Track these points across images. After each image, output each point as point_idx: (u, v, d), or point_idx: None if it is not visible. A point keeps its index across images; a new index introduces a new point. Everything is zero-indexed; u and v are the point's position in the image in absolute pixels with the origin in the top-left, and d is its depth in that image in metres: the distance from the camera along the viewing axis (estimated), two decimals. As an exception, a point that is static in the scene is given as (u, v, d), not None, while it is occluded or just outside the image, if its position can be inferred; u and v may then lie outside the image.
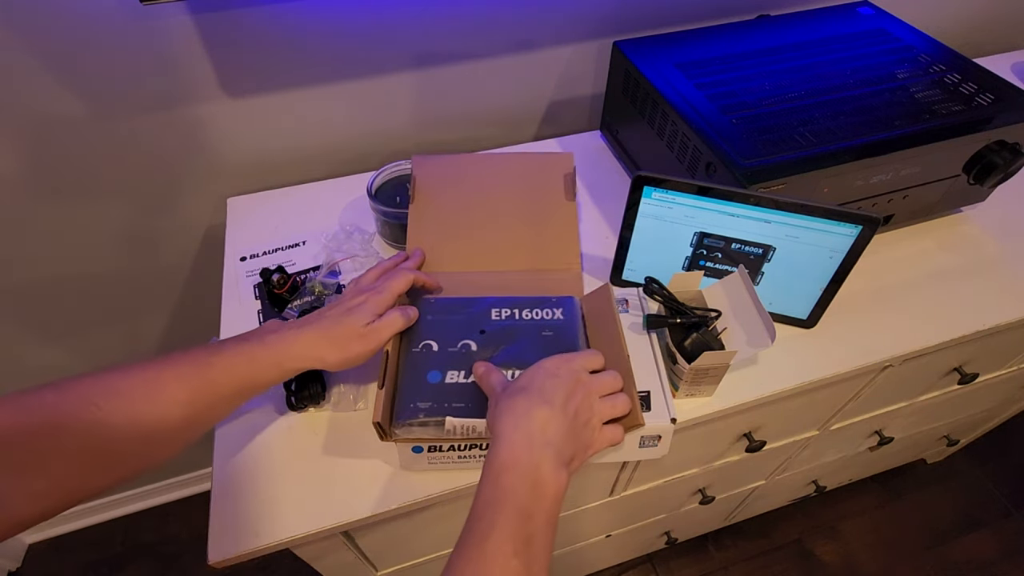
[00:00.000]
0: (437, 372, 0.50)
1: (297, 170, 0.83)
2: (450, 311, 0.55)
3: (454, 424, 0.47)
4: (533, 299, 0.55)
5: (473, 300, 0.55)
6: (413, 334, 0.53)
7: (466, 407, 0.48)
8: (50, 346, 0.91)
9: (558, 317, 0.54)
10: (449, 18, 0.74)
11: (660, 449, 0.55)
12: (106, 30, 0.62)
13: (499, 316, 0.54)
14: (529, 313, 0.54)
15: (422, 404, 0.48)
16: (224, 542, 0.50)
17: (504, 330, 0.53)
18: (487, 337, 0.52)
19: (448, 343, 0.52)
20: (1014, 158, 0.63)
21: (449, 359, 0.51)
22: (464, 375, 0.50)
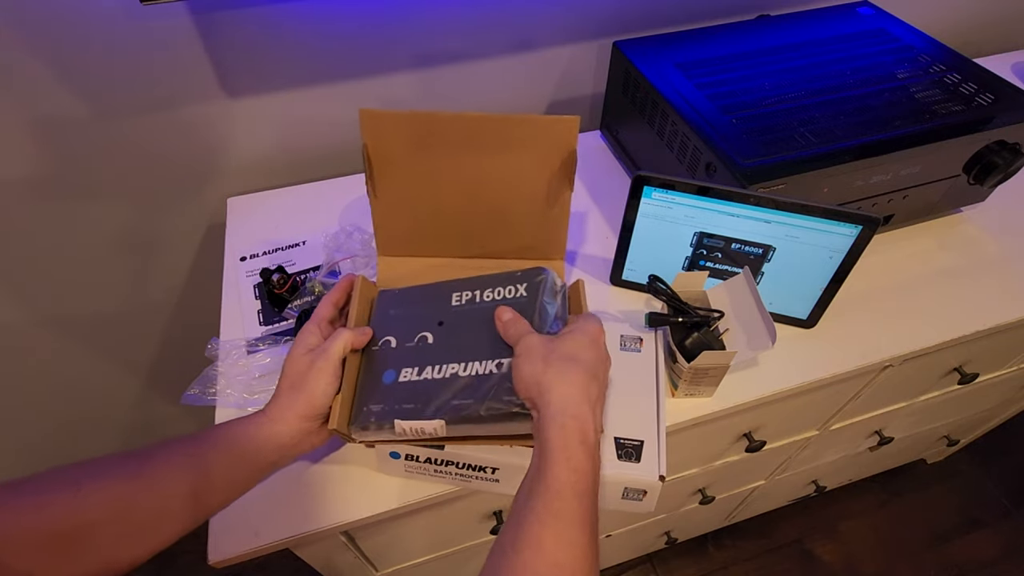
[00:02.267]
0: (392, 371, 0.47)
1: (297, 170, 0.83)
2: (410, 302, 0.51)
3: (403, 427, 0.44)
4: (497, 276, 0.50)
5: (435, 286, 0.51)
6: (375, 331, 0.50)
7: (415, 407, 0.44)
8: (49, 344, 0.91)
9: (520, 294, 0.48)
10: (449, 18, 0.74)
11: (645, 505, 0.51)
12: (106, 30, 0.62)
13: (459, 301, 0.49)
14: (491, 293, 0.49)
15: (374, 407, 0.45)
16: (224, 542, 0.50)
17: (463, 317, 0.48)
18: (445, 329, 0.48)
19: (406, 338, 0.49)
20: (1014, 158, 0.63)
21: (405, 355, 0.48)
22: (416, 372, 0.46)
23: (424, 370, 0.46)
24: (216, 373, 0.59)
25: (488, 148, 0.55)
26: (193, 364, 0.61)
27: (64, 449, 1.09)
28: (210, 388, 0.58)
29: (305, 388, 0.45)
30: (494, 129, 0.54)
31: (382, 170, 0.56)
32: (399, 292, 0.52)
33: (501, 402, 0.42)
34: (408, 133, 0.54)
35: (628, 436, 0.51)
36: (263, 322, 0.65)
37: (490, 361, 0.44)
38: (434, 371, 0.45)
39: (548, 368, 0.40)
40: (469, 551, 0.77)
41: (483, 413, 0.42)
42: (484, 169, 0.56)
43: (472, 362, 0.45)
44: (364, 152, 0.54)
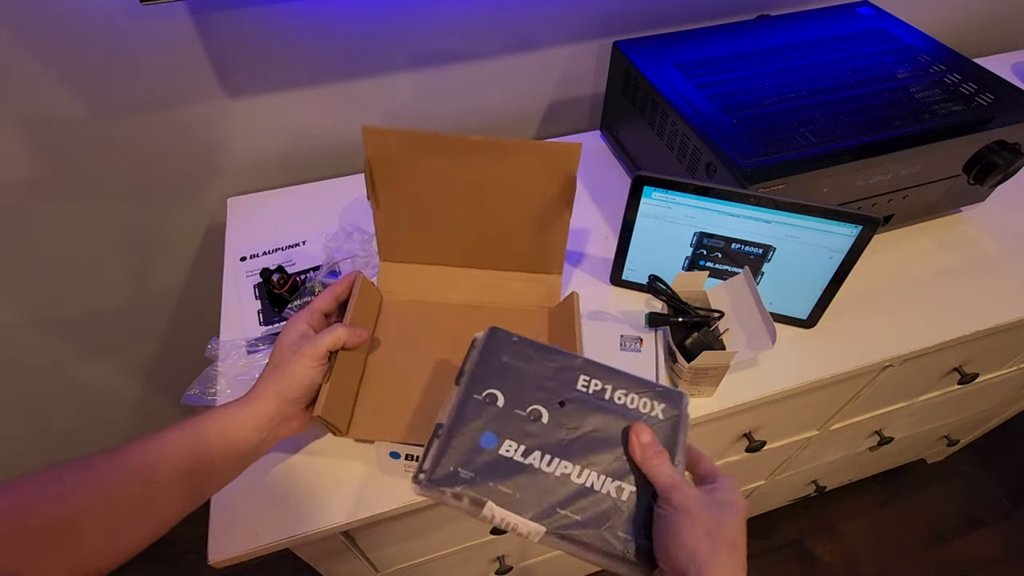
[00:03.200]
0: (494, 436, 0.40)
1: (297, 170, 0.83)
2: (529, 358, 0.43)
3: (494, 513, 0.37)
4: (633, 380, 0.43)
5: (560, 355, 0.44)
6: (479, 375, 0.42)
7: (514, 497, 0.37)
8: (49, 345, 0.91)
9: (657, 415, 0.42)
10: (449, 18, 0.74)
11: None
12: (106, 30, 0.62)
13: (586, 387, 0.42)
14: (624, 396, 0.42)
15: (465, 473, 0.38)
16: (224, 542, 0.50)
17: (588, 409, 0.41)
18: (566, 412, 0.41)
19: (516, 401, 0.41)
20: (1014, 158, 0.63)
21: (512, 424, 0.40)
22: (522, 452, 0.39)
23: (531, 454, 0.39)
24: (216, 373, 0.59)
25: (491, 169, 0.56)
26: (193, 364, 0.61)
27: (64, 449, 1.09)
28: (210, 388, 0.58)
29: (285, 369, 0.45)
30: (497, 152, 0.55)
31: (384, 183, 0.57)
32: (518, 340, 0.44)
33: (617, 539, 0.37)
34: (410, 150, 0.55)
35: None
36: (263, 322, 0.65)
37: (610, 480, 0.38)
38: (543, 460, 0.39)
39: (716, 552, 0.33)
40: (469, 551, 0.77)
41: (595, 544, 0.37)
42: (485, 189, 0.57)
43: (589, 470, 0.38)
44: (367, 167, 0.55)
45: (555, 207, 0.58)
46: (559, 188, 0.57)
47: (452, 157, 0.55)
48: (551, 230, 0.60)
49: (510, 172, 0.56)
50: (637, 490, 0.38)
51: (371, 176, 0.56)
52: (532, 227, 0.60)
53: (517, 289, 0.63)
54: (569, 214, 0.58)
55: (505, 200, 0.58)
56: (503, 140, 0.54)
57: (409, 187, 0.58)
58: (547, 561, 0.94)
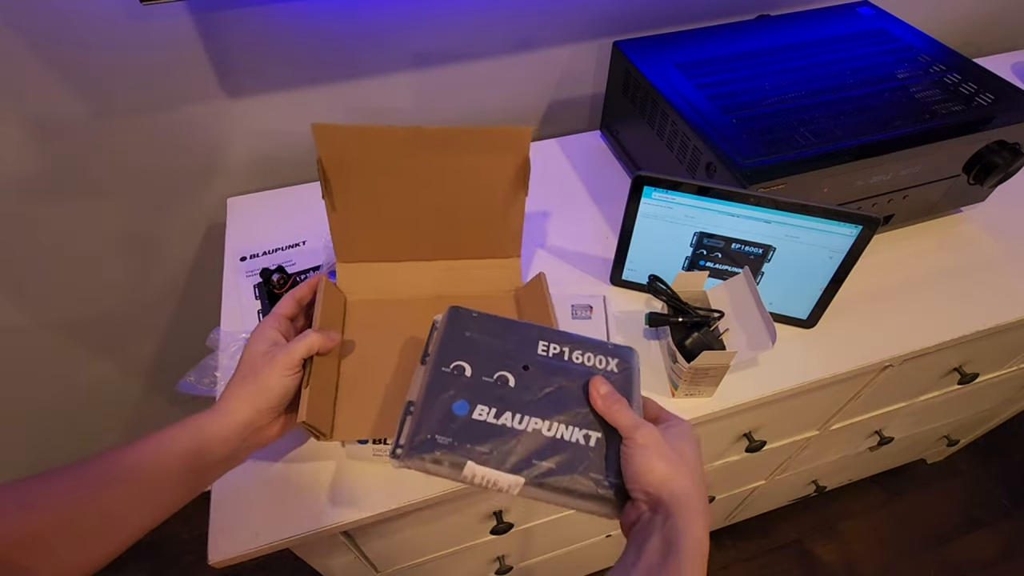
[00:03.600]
0: (464, 403, 0.42)
1: (297, 170, 0.83)
2: (491, 331, 0.46)
3: (475, 471, 0.39)
4: (587, 341, 0.46)
5: (520, 325, 0.47)
6: (445, 349, 0.44)
7: (492, 454, 0.39)
8: (49, 344, 0.91)
9: (611, 369, 0.45)
10: (449, 18, 0.74)
11: None
12: (106, 30, 0.62)
13: (545, 351, 0.45)
14: (581, 356, 0.45)
15: (442, 439, 0.40)
16: (224, 542, 0.50)
17: (549, 370, 0.44)
18: (530, 375, 0.44)
19: (483, 370, 0.44)
20: (1014, 158, 0.63)
21: (481, 390, 0.43)
22: (494, 414, 0.41)
23: (503, 415, 0.41)
24: (214, 364, 0.59)
25: (444, 159, 0.56)
26: (193, 363, 0.61)
27: (63, 449, 1.09)
28: (206, 378, 0.59)
29: (258, 380, 0.44)
30: (449, 141, 0.55)
31: (339, 182, 0.57)
32: (477, 315, 0.47)
33: (591, 480, 0.39)
34: (363, 146, 0.55)
35: None
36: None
37: (578, 429, 0.41)
38: (514, 419, 0.41)
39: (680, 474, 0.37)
40: (469, 551, 0.77)
41: (571, 487, 0.39)
42: (441, 179, 0.58)
43: (558, 423, 0.41)
44: (319, 166, 0.55)
45: (511, 191, 0.59)
46: (513, 172, 0.57)
47: (405, 149, 0.55)
48: (508, 215, 0.61)
49: (464, 160, 0.56)
50: (603, 435, 0.41)
51: (324, 176, 0.56)
52: (489, 213, 0.60)
53: (479, 276, 0.64)
54: (524, 196, 0.59)
55: (460, 188, 0.58)
56: (454, 128, 0.54)
57: (364, 184, 0.57)
58: (547, 561, 0.94)
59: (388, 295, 0.62)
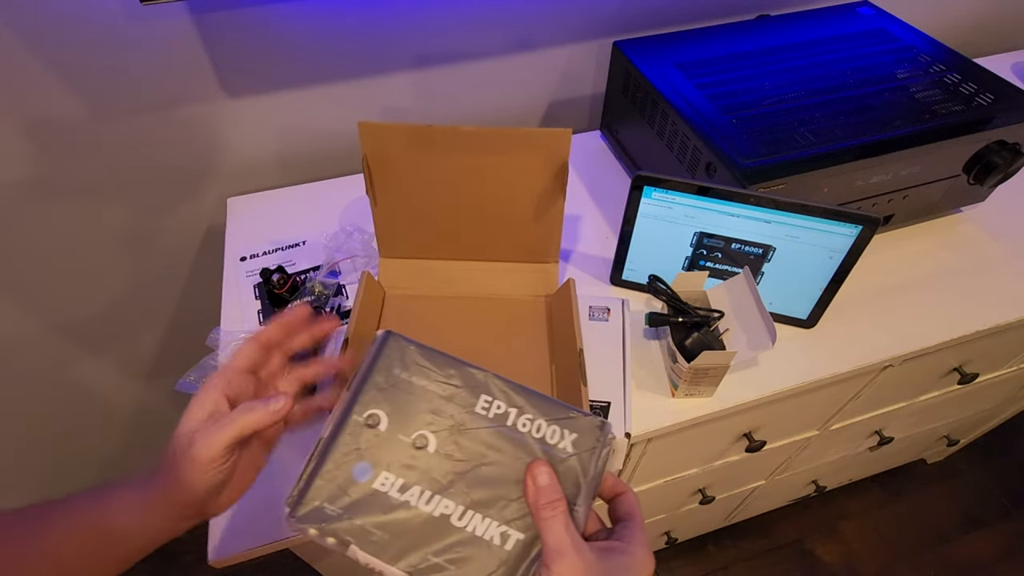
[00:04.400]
0: (368, 466, 0.34)
1: (297, 170, 0.83)
2: (425, 373, 0.37)
3: (357, 556, 0.33)
4: (544, 402, 0.36)
5: (462, 366, 0.37)
6: (365, 390, 0.36)
7: (382, 540, 0.32)
8: (49, 344, 0.91)
9: (566, 448, 0.35)
10: (449, 18, 0.74)
11: (613, 463, 0.56)
12: (106, 30, 0.62)
13: (486, 409, 0.36)
14: (530, 423, 0.35)
15: (331, 509, 0.33)
16: (224, 542, 0.50)
17: (482, 437, 0.35)
18: (457, 441, 0.35)
19: (402, 425, 0.35)
20: (1014, 158, 0.63)
21: (392, 451, 0.34)
22: (399, 487, 0.33)
23: (409, 489, 0.33)
24: (214, 363, 0.60)
25: (484, 160, 0.56)
26: (193, 364, 0.61)
27: (63, 448, 1.09)
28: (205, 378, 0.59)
29: (176, 473, 0.34)
30: (490, 142, 0.55)
31: (381, 179, 0.58)
32: (415, 349, 0.37)
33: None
34: (405, 144, 0.55)
35: (596, 398, 0.56)
36: (263, 322, 0.65)
37: (495, 524, 0.33)
38: (421, 498, 0.33)
39: None
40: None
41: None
42: (480, 179, 0.58)
43: (473, 511, 0.33)
44: (364, 162, 0.56)
45: (549, 194, 0.58)
46: (552, 175, 0.57)
47: (446, 149, 0.56)
48: (546, 218, 0.60)
49: (503, 161, 0.56)
50: (525, 538, 0.32)
51: (369, 172, 0.57)
52: (527, 216, 0.60)
53: (515, 279, 0.64)
54: (563, 200, 0.58)
55: (500, 189, 0.58)
56: (495, 129, 0.54)
57: (406, 182, 0.58)
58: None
59: (426, 292, 0.64)
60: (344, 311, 0.65)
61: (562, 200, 0.58)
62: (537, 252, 0.64)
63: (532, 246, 0.63)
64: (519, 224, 0.61)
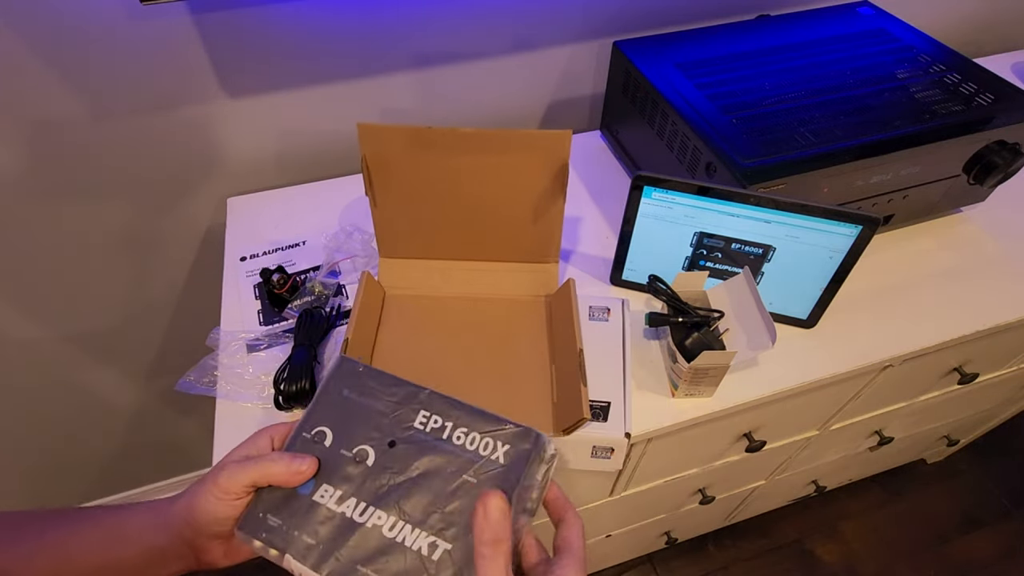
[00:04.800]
0: (311, 480, 0.36)
1: (297, 170, 0.83)
2: (371, 392, 0.39)
3: (291, 566, 0.34)
4: (481, 417, 0.37)
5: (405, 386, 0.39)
6: (315, 410, 0.39)
7: (316, 549, 0.34)
8: (49, 344, 0.91)
9: (497, 459, 0.36)
10: (449, 18, 0.74)
11: (613, 463, 0.55)
12: (106, 30, 0.62)
13: (424, 424, 0.37)
14: (464, 436, 0.37)
15: (273, 520, 0.35)
16: (224, 542, 0.50)
17: (420, 450, 0.36)
18: (395, 453, 0.36)
19: (344, 441, 0.37)
20: (1014, 158, 0.63)
21: (333, 466, 0.36)
22: (337, 499, 0.35)
23: (346, 501, 0.35)
24: (214, 363, 0.60)
25: (484, 161, 0.56)
26: (193, 364, 0.61)
27: (63, 448, 1.09)
28: (205, 378, 0.59)
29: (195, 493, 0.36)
30: (490, 143, 0.55)
31: (381, 180, 0.58)
32: (363, 371, 0.40)
33: None
34: (405, 145, 0.56)
35: (596, 398, 0.55)
36: (263, 322, 0.65)
37: (424, 534, 0.33)
38: (356, 510, 0.35)
39: None
40: (469, 551, 0.77)
41: None
42: (480, 180, 0.58)
43: (403, 521, 0.34)
44: (363, 164, 0.56)
45: (549, 195, 0.59)
46: (552, 176, 0.57)
47: (446, 150, 0.56)
48: (546, 219, 0.60)
49: (503, 162, 0.56)
50: (452, 548, 0.33)
51: (368, 173, 0.57)
52: (527, 216, 0.60)
53: (516, 279, 0.64)
54: (563, 201, 0.59)
55: (500, 190, 0.58)
56: (494, 131, 0.55)
57: (406, 183, 0.58)
58: (547, 561, 0.94)
59: (427, 292, 0.64)
60: (344, 311, 0.65)
61: (562, 201, 0.59)
62: (537, 252, 0.64)
63: (532, 246, 0.63)
64: (519, 225, 0.61)
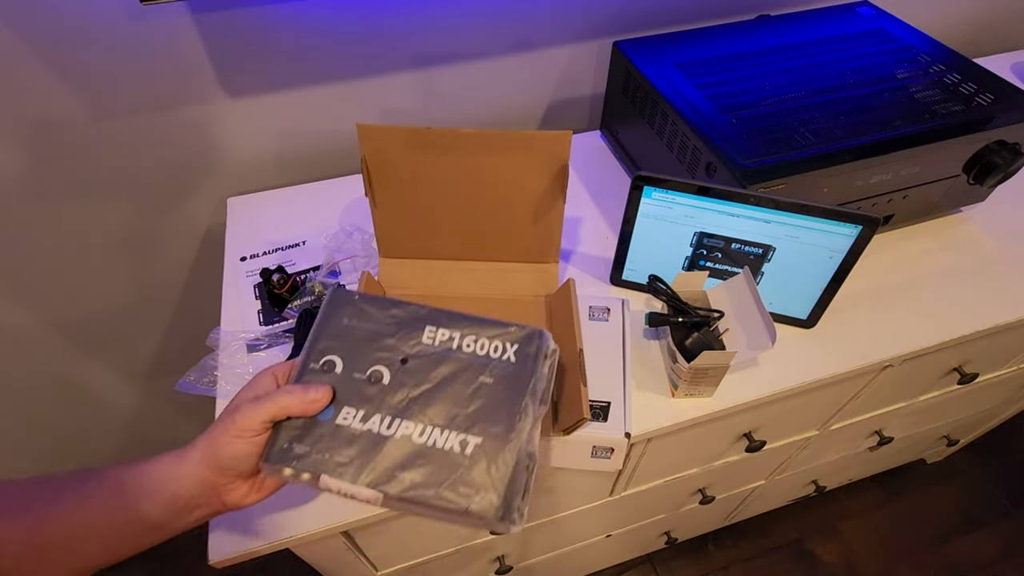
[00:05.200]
0: (330, 406, 0.38)
1: (297, 170, 0.83)
2: (372, 317, 0.40)
3: (329, 485, 0.36)
4: (484, 323, 0.40)
5: (408, 308, 0.41)
6: (318, 340, 0.40)
7: (350, 465, 0.36)
8: (49, 344, 0.91)
9: (508, 359, 0.38)
10: (449, 18, 0.74)
11: (613, 463, 0.55)
12: (106, 30, 0.62)
13: (432, 339, 0.39)
14: (473, 343, 0.39)
15: (299, 448, 0.37)
16: (224, 542, 0.50)
17: (433, 362, 0.39)
18: (409, 369, 0.38)
19: (356, 365, 0.39)
20: (1014, 158, 0.63)
21: (351, 389, 0.38)
22: (360, 418, 0.37)
23: (371, 419, 0.37)
24: (214, 363, 0.60)
25: (484, 161, 0.57)
26: (193, 364, 0.61)
27: (63, 448, 1.09)
28: (205, 378, 0.59)
29: (214, 435, 0.37)
30: (489, 144, 0.56)
31: (380, 180, 0.58)
32: (359, 298, 0.41)
33: (459, 495, 0.35)
34: (404, 146, 0.56)
35: (596, 398, 0.55)
36: (263, 322, 0.65)
37: (454, 434, 0.36)
38: (383, 424, 0.37)
39: None
40: (469, 551, 0.77)
41: (434, 503, 0.35)
42: (480, 180, 0.58)
43: (431, 427, 0.37)
44: (363, 164, 0.56)
45: (549, 196, 0.59)
46: (552, 177, 0.57)
47: (446, 151, 0.56)
48: (546, 219, 0.61)
49: (503, 163, 0.57)
50: (482, 441, 0.36)
51: (368, 173, 0.57)
52: (527, 217, 0.61)
53: (516, 279, 0.64)
54: (563, 202, 0.59)
55: (500, 191, 0.59)
56: (494, 132, 0.55)
57: (405, 183, 0.58)
58: (547, 561, 0.94)
59: (427, 292, 0.64)
60: (344, 311, 0.65)
61: (562, 201, 0.59)
62: (537, 252, 0.64)
63: (532, 247, 0.63)
64: (519, 225, 0.61)
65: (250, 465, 0.37)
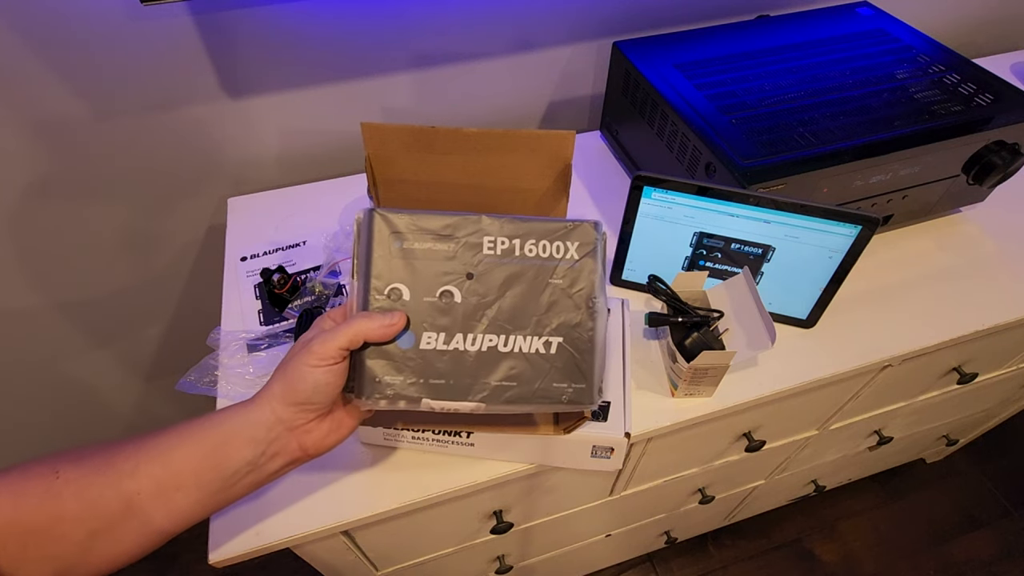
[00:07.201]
0: (409, 333, 0.38)
1: (297, 170, 0.83)
2: (426, 236, 0.39)
3: (431, 405, 0.38)
4: (540, 224, 0.40)
5: (460, 220, 0.40)
6: (375, 271, 0.39)
7: (448, 385, 0.38)
8: (50, 344, 0.91)
9: (572, 257, 0.40)
10: (449, 18, 0.74)
11: (613, 462, 0.55)
12: (106, 30, 0.62)
13: (492, 248, 0.39)
14: (535, 247, 0.40)
15: (390, 379, 0.37)
16: (224, 542, 0.50)
17: (498, 274, 0.39)
18: (477, 284, 0.39)
19: (423, 289, 0.39)
20: (1013, 158, 0.63)
21: (424, 314, 0.38)
22: (443, 339, 0.38)
23: (454, 338, 0.38)
24: (215, 363, 0.60)
25: (488, 160, 0.57)
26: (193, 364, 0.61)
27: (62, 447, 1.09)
28: (206, 378, 0.59)
29: (288, 370, 0.37)
30: (494, 143, 0.56)
31: (384, 179, 0.58)
32: (407, 215, 0.39)
33: (554, 390, 0.39)
34: (408, 145, 0.56)
35: None
36: (263, 322, 0.65)
37: (536, 338, 0.39)
38: (467, 341, 0.38)
39: None
40: (469, 550, 0.77)
41: (531, 401, 0.38)
42: (483, 180, 0.58)
43: (513, 335, 0.38)
44: (367, 163, 0.56)
45: (551, 196, 0.59)
46: (555, 176, 0.58)
47: (450, 149, 0.56)
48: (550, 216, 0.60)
49: (507, 162, 0.57)
50: (564, 340, 0.39)
51: (372, 172, 0.57)
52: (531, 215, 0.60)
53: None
54: (566, 201, 0.59)
55: (503, 190, 0.59)
56: (498, 131, 0.55)
57: (409, 182, 0.58)
58: (547, 561, 0.94)
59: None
60: (344, 311, 0.65)
61: (565, 202, 0.59)
62: None
63: None
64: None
65: (329, 397, 0.37)
